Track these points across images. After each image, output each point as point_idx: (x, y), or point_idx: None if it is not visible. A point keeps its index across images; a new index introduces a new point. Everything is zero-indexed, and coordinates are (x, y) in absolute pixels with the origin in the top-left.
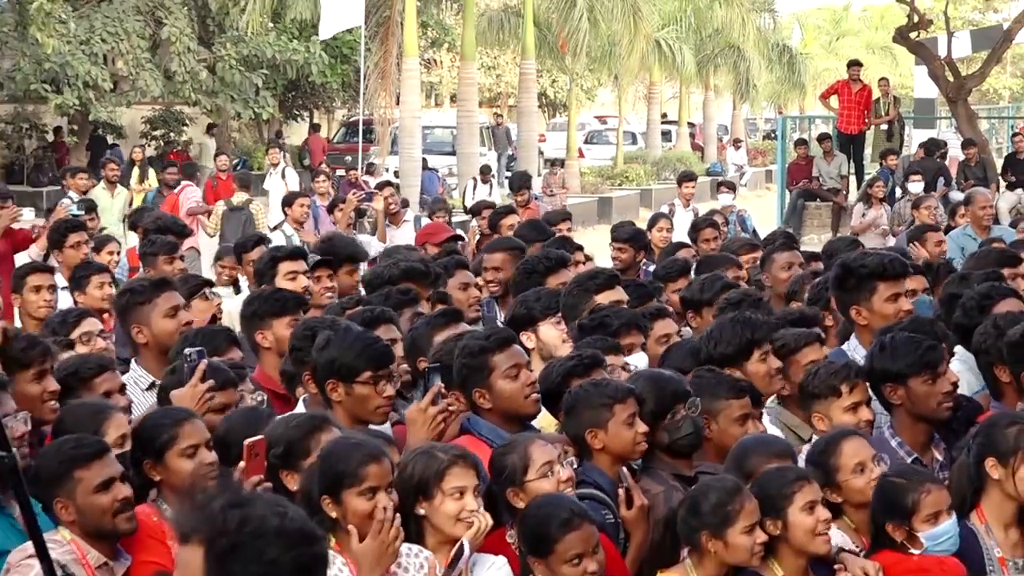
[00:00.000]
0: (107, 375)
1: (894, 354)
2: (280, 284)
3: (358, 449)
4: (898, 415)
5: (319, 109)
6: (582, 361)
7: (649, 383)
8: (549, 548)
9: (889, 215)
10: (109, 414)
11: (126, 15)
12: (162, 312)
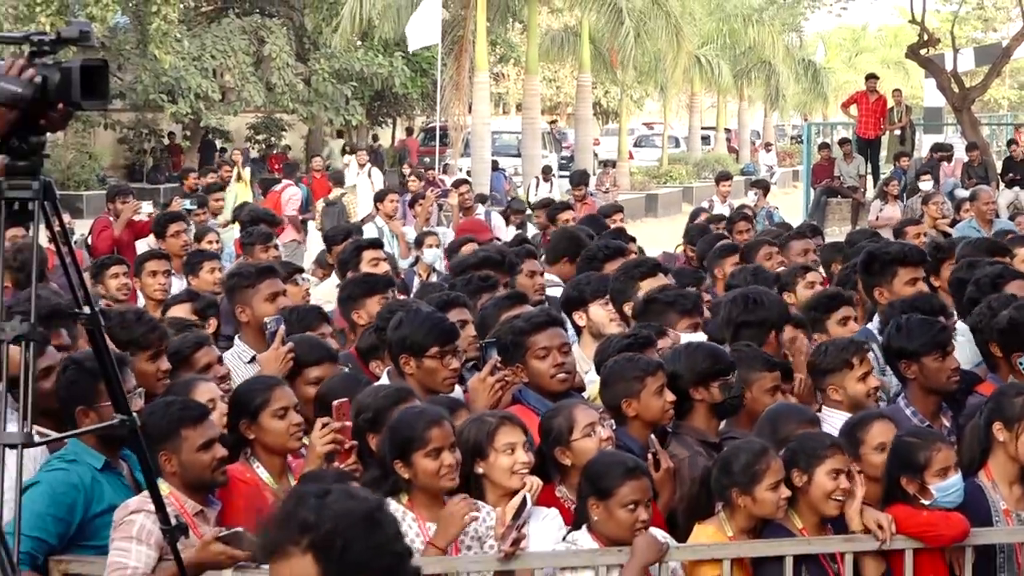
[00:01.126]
0: (204, 350)
1: (909, 335)
2: (364, 270)
3: (422, 415)
4: (911, 388)
5: (401, 117)
6: (637, 339)
7: (704, 353)
8: (610, 492)
9: (902, 210)
10: (196, 384)
11: (233, 35)
12: (263, 296)
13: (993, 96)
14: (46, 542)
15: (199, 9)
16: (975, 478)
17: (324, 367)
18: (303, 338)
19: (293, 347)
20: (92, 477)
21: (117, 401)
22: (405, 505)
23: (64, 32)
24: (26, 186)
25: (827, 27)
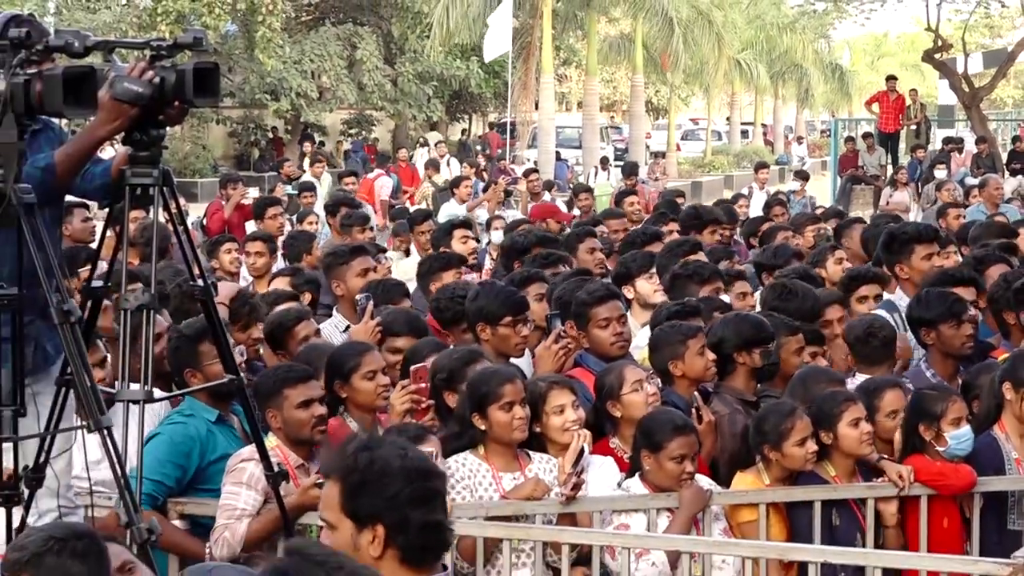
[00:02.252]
0: (304, 323)
1: (928, 305)
2: (455, 246)
3: (496, 374)
4: (931, 352)
5: (476, 113)
6: (685, 307)
7: (750, 322)
8: (661, 446)
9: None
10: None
11: (328, 41)
12: (355, 272)
13: (999, 95)
14: (165, 485)
15: (299, 19)
16: (991, 431)
17: (406, 337)
18: (393, 311)
19: (381, 321)
20: (207, 429)
21: (226, 362)
22: (481, 457)
23: (181, 39)
24: (147, 173)
25: (852, 34)
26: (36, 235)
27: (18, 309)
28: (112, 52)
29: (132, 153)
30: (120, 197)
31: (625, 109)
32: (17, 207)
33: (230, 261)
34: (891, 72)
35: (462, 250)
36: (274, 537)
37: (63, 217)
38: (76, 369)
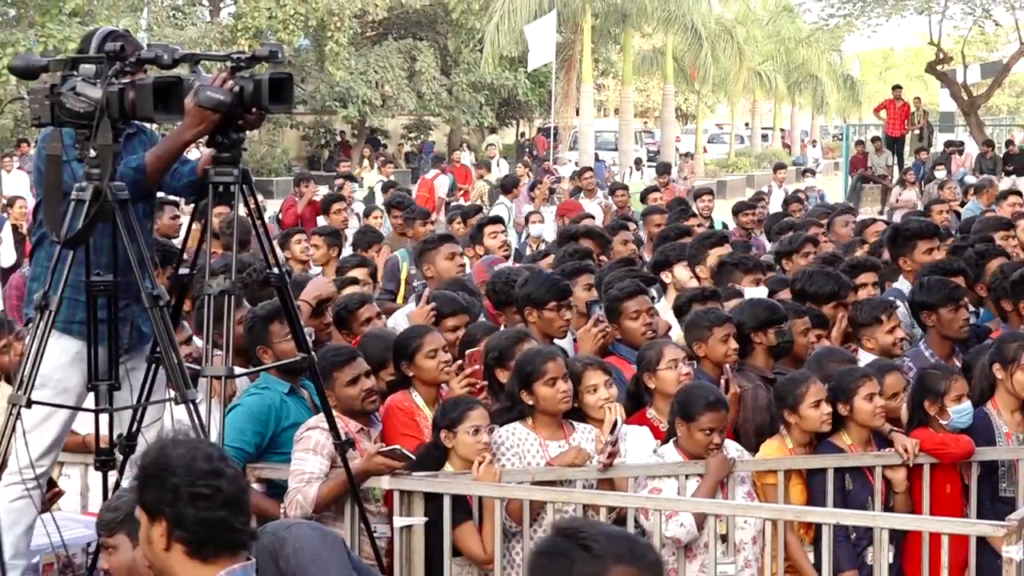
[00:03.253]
0: (366, 306)
1: (929, 291)
2: (487, 241)
3: (540, 353)
4: (931, 334)
5: (523, 119)
6: (703, 293)
7: (764, 306)
8: (693, 417)
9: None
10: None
11: (391, 54)
12: (443, 256)
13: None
14: (245, 451)
15: (364, 34)
16: (984, 407)
17: (458, 317)
18: (442, 295)
19: (435, 304)
20: (281, 400)
21: (299, 342)
22: (529, 427)
23: (258, 52)
24: (228, 173)
25: (862, 48)
26: (129, 228)
27: (114, 294)
28: (197, 64)
29: (215, 154)
30: (204, 194)
31: (657, 115)
32: (112, 203)
33: (300, 251)
34: (897, 82)
35: (492, 244)
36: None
37: (154, 212)
38: (164, 348)
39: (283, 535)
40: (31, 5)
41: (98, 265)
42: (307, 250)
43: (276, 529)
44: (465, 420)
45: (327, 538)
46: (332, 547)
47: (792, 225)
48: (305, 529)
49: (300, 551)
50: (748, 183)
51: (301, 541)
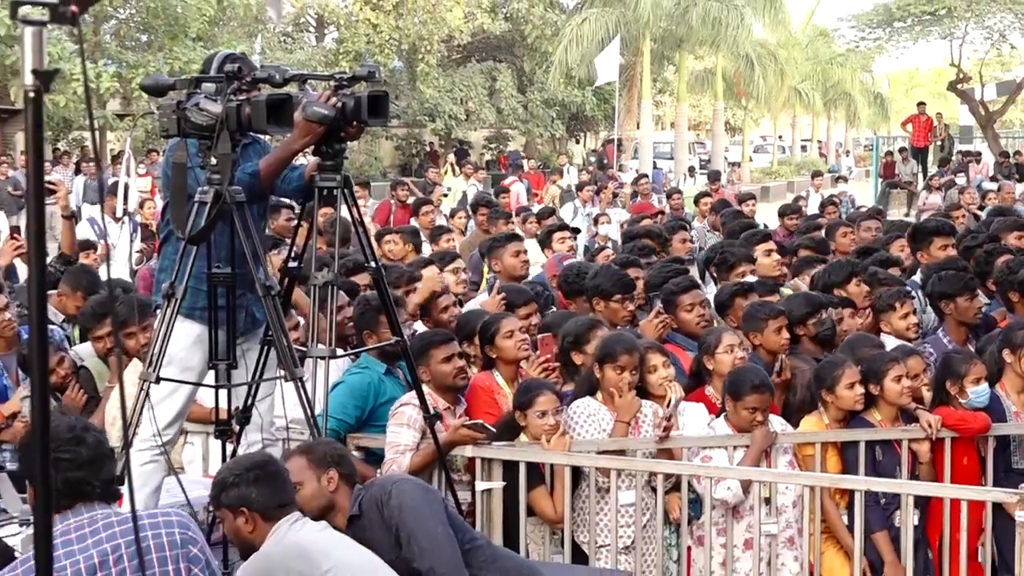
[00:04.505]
0: (445, 296)
1: (947, 281)
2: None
3: (619, 340)
4: (948, 321)
5: (589, 132)
6: (741, 287)
7: (801, 300)
8: (740, 396)
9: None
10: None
11: (474, 74)
12: (510, 253)
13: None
14: (346, 423)
15: (451, 57)
16: (994, 389)
17: (529, 306)
18: (514, 287)
19: (505, 295)
20: (378, 378)
21: (394, 328)
22: (600, 400)
23: (358, 72)
24: (332, 179)
25: (891, 68)
26: (245, 226)
27: (231, 284)
28: (305, 83)
29: (320, 162)
30: (311, 197)
31: (708, 128)
32: (231, 204)
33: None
34: (922, 99)
35: (560, 248)
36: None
37: (268, 213)
38: (275, 332)
39: (389, 489)
40: (160, 31)
41: (218, 259)
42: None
43: (384, 483)
44: (534, 405)
45: (428, 494)
46: (432, 503)
47: (820, 226)
48: (409, 485)
49: (403, 505)
50: (788, 189)
51: (404, 496)
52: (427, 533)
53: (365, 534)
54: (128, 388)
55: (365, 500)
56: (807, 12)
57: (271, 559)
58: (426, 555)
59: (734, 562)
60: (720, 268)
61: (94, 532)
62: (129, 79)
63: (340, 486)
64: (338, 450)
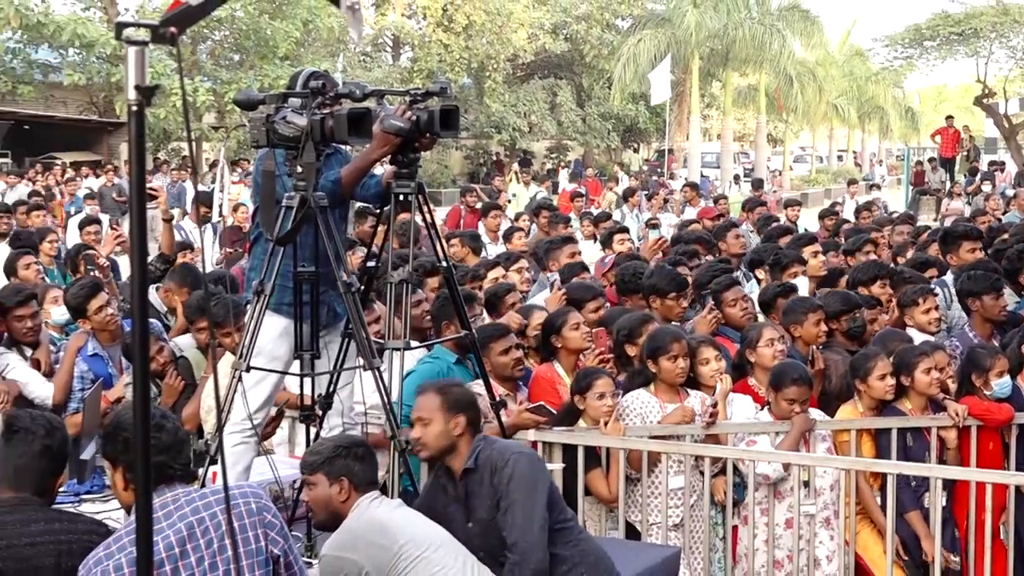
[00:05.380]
0: (512, 293)
1: (975, 280)
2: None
3: (669, 331)
4: (974, 318)
5: (642, 143)
6: (783, 287)
7: (837, 297)
8: (781, 388)
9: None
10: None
11: (536, 90)
12: (566, 254)
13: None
14: None
15: (515, 74)
16: (1016, 381)
17: (597, 301)
18: (582, 284)
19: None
20: (448, 367)
21: (463, 321)
22: (652, 392)
23: (431, 88)
24: (407, 185)
25: (921, 84)
26: (328, 229)
27: (315, 282)
28: (383, 98)
29: (396, 170)
30: (388, 202)
31: (752, 139)
32: (315, 209)
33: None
34: (949, 113)
35: (620, 248)
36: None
37: (347, 216)
38: (355, 325)
39: (508, 457)
40: (251, 51)
41: (303, 258)
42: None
43: (504, 449)
44: (593, 387)
45: (539, 473)
46: (540, 482)
47: (858, 229)
48: (525, 460)
49: (514, 476)
50: (826, 195)
51: (518, 468)
52: (525, 511)
53: (473, 488)
54: (222, 378)
55: (482, 457)
56: (844, 33)
57: (353, 532)
58: (515, 530)
59: (776, 540)
60: (773, 269)
61: (179, 508)
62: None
63: (465, 432)
64: (469, 397)
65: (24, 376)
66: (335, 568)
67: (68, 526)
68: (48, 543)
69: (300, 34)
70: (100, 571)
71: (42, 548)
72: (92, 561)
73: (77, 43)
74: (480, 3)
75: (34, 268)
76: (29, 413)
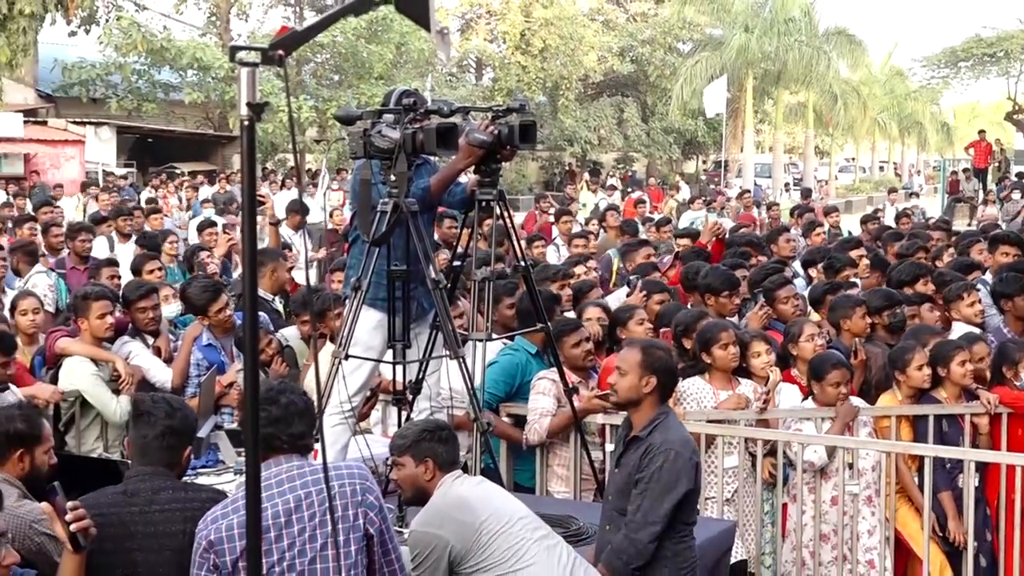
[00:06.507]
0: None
1: (1008, 283)
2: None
3: (717, 325)
4: (1008, 316)
5: (700, 155)
6: (832, 285)
7: (881, 294)
8: (823, 376)
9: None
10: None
11: (605, 106)
12: (641, 256)
13: None
14: (497, 395)
15: (586, 92)
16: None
17: (663, 295)
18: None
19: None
20: (526, 358)
21: (540, 316)
22: (706, 380)
23: (511, 105)
24: (489, 192)
25: (956, 101)
26: (418, 232)
27: (406, 279)
28: (468, 114)
29: (479, 179)
30: (472, 207)
31: (800, 152)
32: (406, 214)
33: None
34: (982, 127)
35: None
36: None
37: (435, 221)
38: (442, 318)
39: (666, 448)
40: (350, 72)
41: (395, 258)
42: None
43: (673, 437)
44: None
45: (684, 474)
46: (680, 483)
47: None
48: (682, 460)
49: (663, 466)
50: (868, 202)
51: (670, 460)
52: (655, 501)
53: (630, 450)
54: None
55: (654, 434)
56: (886, 54)
57: (439, 510)
58: (639, 511)
59: (822, 516)
60: (827, 271)
61: (289, 480)
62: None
63: (653, 392)
64: (668, 364)
65: (146, 362)
66: (424, 543)
67: (193, 495)
68: (175, 510)
69: (393, 56)
70: (214, 528)
71: (170, 515)
72: (209, 519)
73: (195, 65)
74: (555, 28)
75: (157, 273)
76: (151, 396)
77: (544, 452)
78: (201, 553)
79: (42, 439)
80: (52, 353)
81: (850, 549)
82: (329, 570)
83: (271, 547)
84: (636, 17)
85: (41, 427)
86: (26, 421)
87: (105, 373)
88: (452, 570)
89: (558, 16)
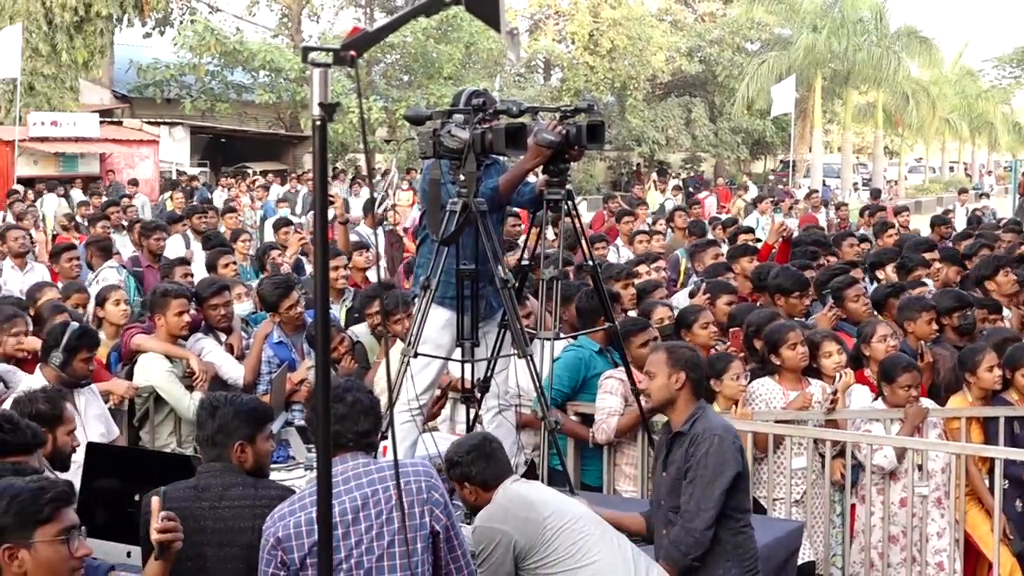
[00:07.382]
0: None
1: None
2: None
3: (784, 324)
4: None
5: (768, 155)
6: (895, 287)
7: (951, 295)
8: (894, 379)
9: None
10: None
11: (672, 107)
12: (711, 256)
13: None
14: (562, 391)
15: (654, 92)
16: None
17: (731, 295)
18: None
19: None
20: (591, 355)
21: (607, 314)
22: (776, 380)
23: (579, 105)
24: (558, 192)
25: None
26: (487, 231)
27: (475, 278)
28: (536, 114)
29: (548, 179)
30: (540, 207)
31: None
32: (475, 213)
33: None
34: None
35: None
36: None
37: (504, 220)
38: (511, 317)
39: (709, 436)
40: (419, 73)
41: (464, 257)
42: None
43: (716, 428)
44: (729, 370)
45: (730, 457)
46: (726, 471)
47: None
48: (727, 446)
49: (709, 453)
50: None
51: (712, 449)
52: (706, 489)
53: (675, 447)
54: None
55: (696, 426)
56: (956, 54)
57: (503, 507)
58: (692, 501)
59: (892, 517)
60: (900, 271)
61: (356, 477)
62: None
63: (685, 388)
64: (694, 359)
65: (219, 359)
66: (488, 537)
67: (262, 492)
68: (245, 506)
69: (463, 56)
70: (282, 525)
71: (239, 511)
72: (277, 515)
73: (268, 67)
74: (623, 29)
75: (232, 267)
76: (225, 396)
77: (612, 451)
78: (269, 550)
79: (63, 419)
80: (128, 349)
81: (919, 551)
82: (396, 567)
83: (338, 544)
84: (704, 17)
85: (63, 408)
86: (48, 402)
87: (179, 369)
88: (517, 566)
89: (626, 16)
